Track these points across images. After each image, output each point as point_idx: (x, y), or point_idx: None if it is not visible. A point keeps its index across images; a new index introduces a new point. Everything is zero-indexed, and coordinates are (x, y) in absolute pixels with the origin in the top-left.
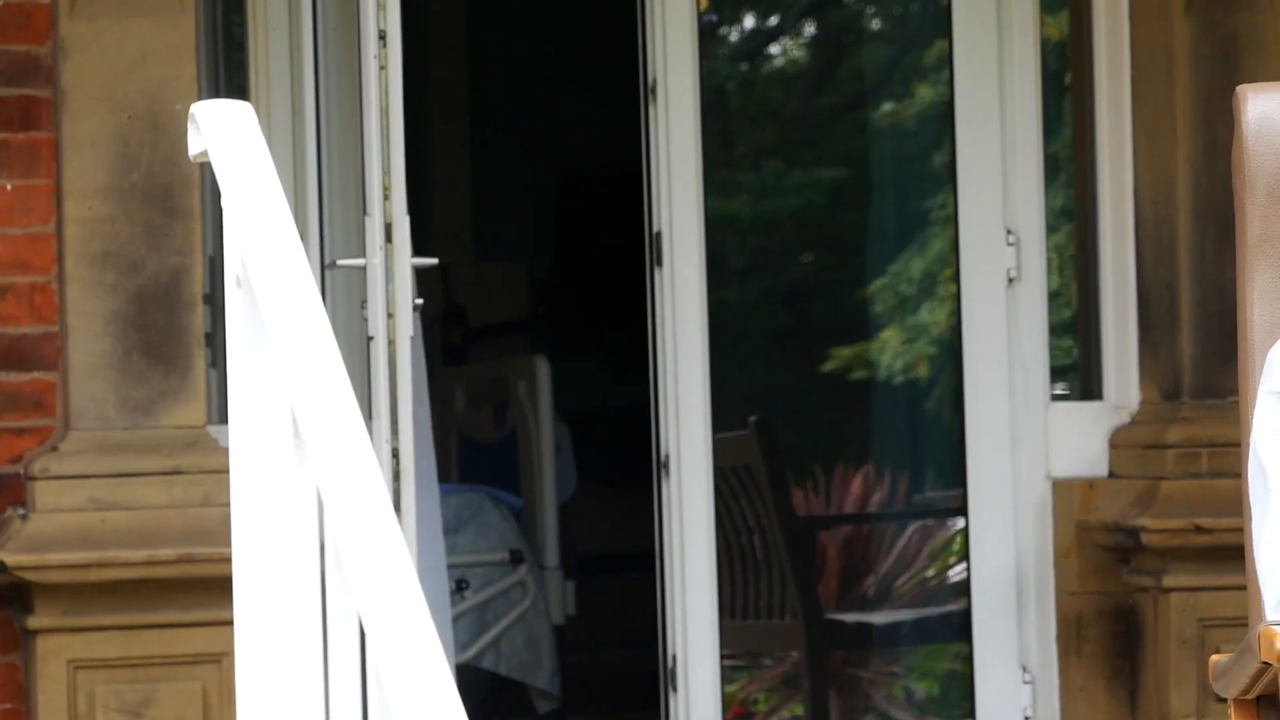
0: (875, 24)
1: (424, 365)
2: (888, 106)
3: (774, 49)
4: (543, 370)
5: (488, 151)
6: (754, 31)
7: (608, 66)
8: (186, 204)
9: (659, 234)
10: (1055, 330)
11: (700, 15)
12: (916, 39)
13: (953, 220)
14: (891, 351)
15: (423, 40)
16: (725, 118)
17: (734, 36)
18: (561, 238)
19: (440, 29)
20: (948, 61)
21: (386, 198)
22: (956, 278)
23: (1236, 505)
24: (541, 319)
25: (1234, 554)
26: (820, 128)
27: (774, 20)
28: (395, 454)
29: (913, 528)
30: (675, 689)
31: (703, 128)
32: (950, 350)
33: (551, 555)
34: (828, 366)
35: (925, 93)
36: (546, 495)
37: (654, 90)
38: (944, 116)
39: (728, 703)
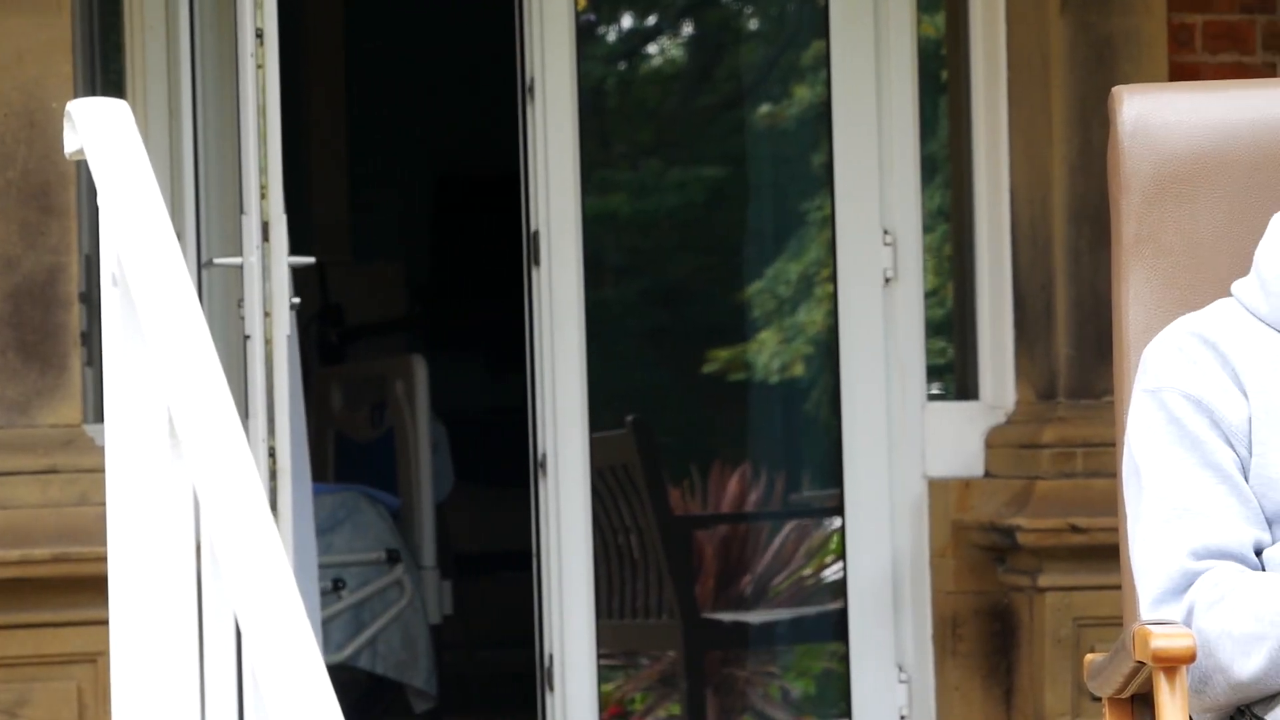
0: (753, 24)
1: (299, 364)
2: (766, 107)
3: (652, 48)
4: (420, 370)
5: (365, 151)
6: (632, 31)
7: (486, 66)
8: (63, 202)
9: (536, 233)
10: (932, 330)
11: (578, 15)
12: (794, 39)
13: (830, 221)
14: (769, 352)
15: (300, 39)
16: (603, 117)
17: (612, 36)
18: (439, 237)
19: (317, 28)
20: (825, 62)
21: (264, 196)
22: (833, 278)
23: (1111, 505)
24: (419, 318)
25: (1109, 553)
26: (698, 127)
27: (652, 20)
28: (272, 453)
29: (789, 527)
30: (552, 688)
31: (581, 127)
32: (827, 351)
33: (428, 555)
34: (706, 366)
35: (803, 94)
36: (423, 495)
37: (532, 90)
38: (821, 117)
39: (604, 702)
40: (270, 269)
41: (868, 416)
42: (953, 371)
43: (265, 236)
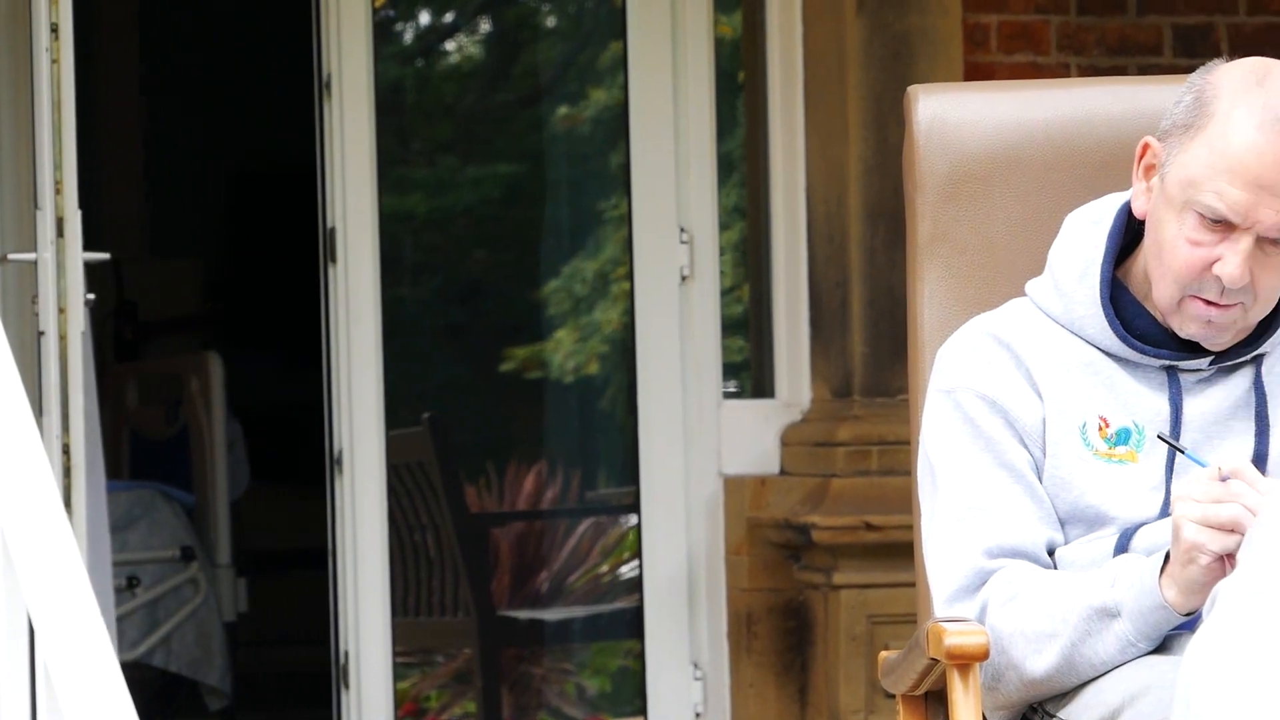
0: (551, 21)
1: (94, 361)
2: (564, 104)
3: (450, 45)
4: (215, 367)
5: (162, 146)
6: (430, 27)
7: (284, 61)
8: None
9: (333, 230)
10: (728, 329)
11: (375, 11)
12: (592, 37)
13: (627, 219)
14: (565, 350)
15: (95, 33)
16: (400, 114)
17: (410, 32)
18: (237, 234)
19: (112, 22)
20: (622, 61)
21: (58, 192)
22: (630, 277)
23: (906, 503)
24: (215, 315)
25: (903, 551)
26: (496, 125)
27: (449, 16)
28: (66, 450)
29: (586, 525)
30: (347, 686)
31: (378, 124)
32: (624, 349)
33: (224, 552)
34: (502, 364)
35: (601, 91)
36: (219, 492)
37: (328, 86)
38: (619, 117)
39: (400, 700)
40: (65, 265)
41: (664, 414)
42: (749, 369)
43: (60, 232)
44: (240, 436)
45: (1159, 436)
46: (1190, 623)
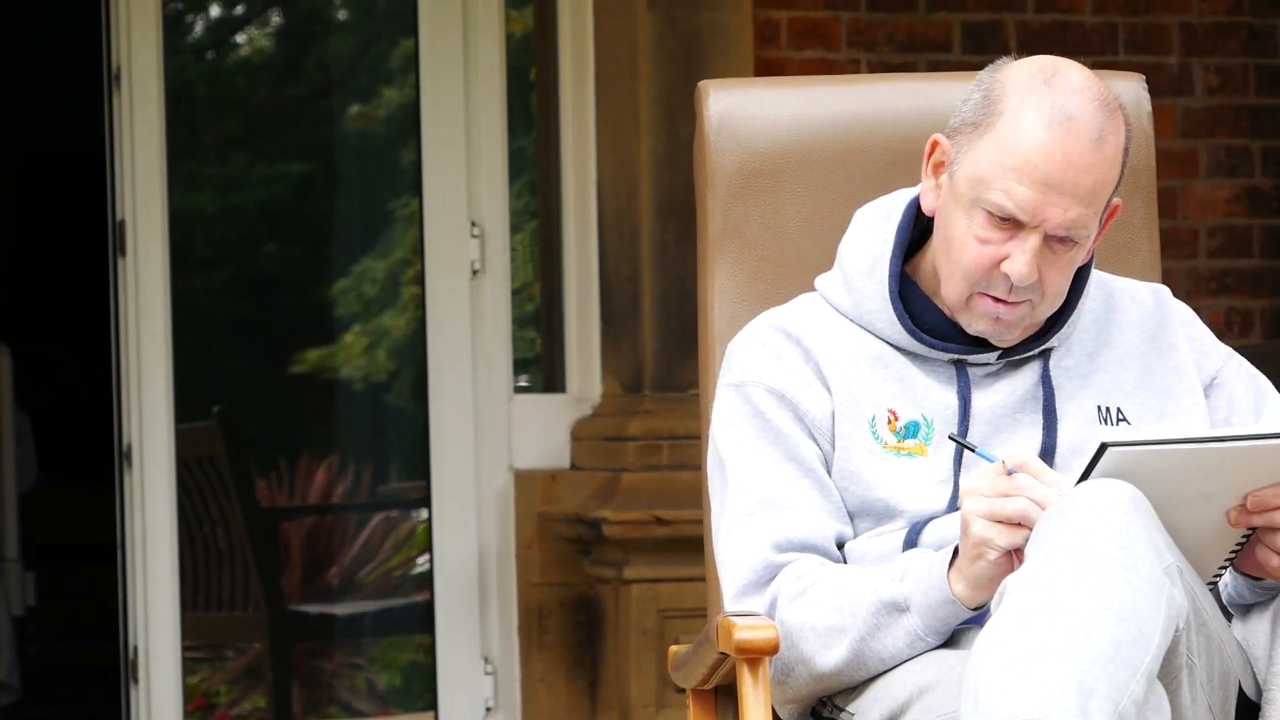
0: (343, 15)
1: None
2: (356, 101)
3: (240, 38)
4: (3, 360)
5: None
6: (220, 20)
7: (73, 54)
8: None
9: (122, 223)
10: (520, 323)
11: (165, 3)
12: (384, 32)
13: (418, 215)
14: (358, 345)
15: None
16: (191, 107)
17: (200, 25)
18: (25, 226)
19: None
20: (414, 58)
21: None
22: (422, 273)
23: (696, 497)
24: (3, 307)
25: (694, 545)
26: (287, 120)
27: (240, 9)
28: None
29: (377, 519)
30: (136, 681)
31: (168, 117)
32: (415, 344)
33: (11, 546)
34: (294, 359)
35: (393, 88)
36: (6, 486)
37: (118, 79)
38: (411, 114)
39: (189, 694)
40: None
41: (455, 409)
42: (540, 364)
43: None
44: (28, 430)
45: (950, 437)
46: (978, 617)
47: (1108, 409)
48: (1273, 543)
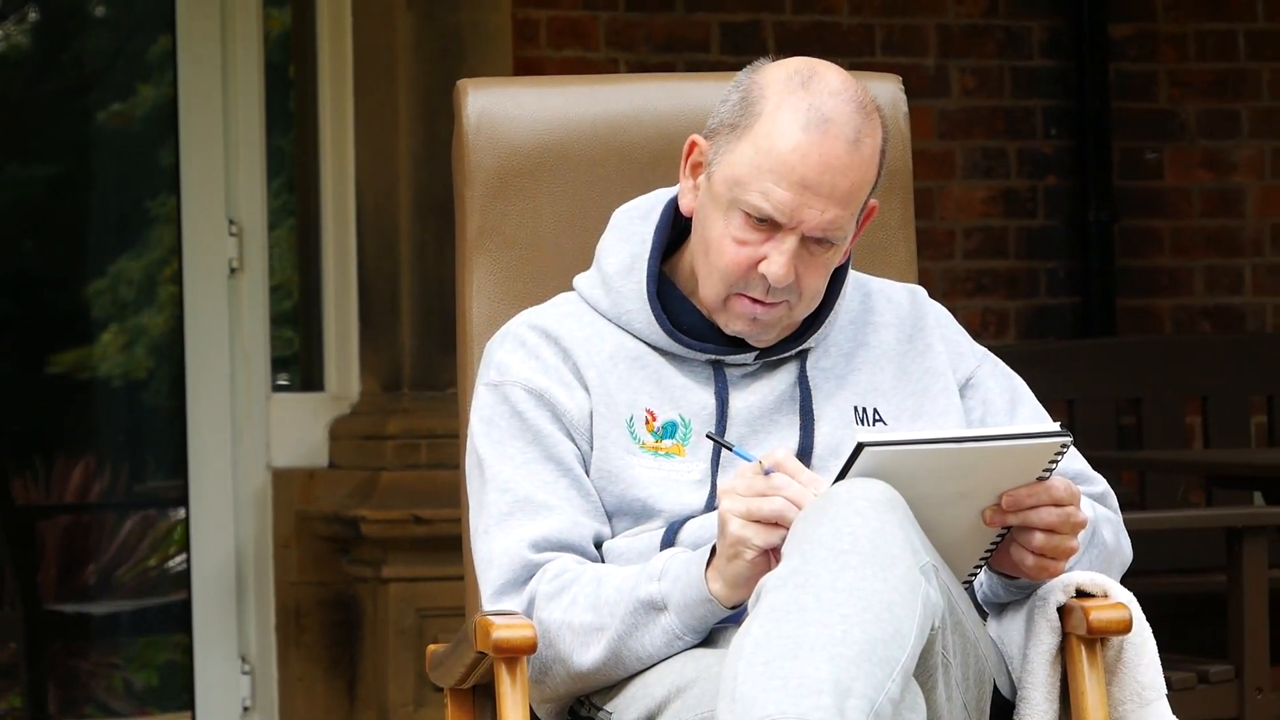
0: (100, 11)
1: None
2: (113, 98)
3: None
4: None
5: None
6: None
7: None
8: None
9: None
10: (278, 321)
11: None
12: (142, 29)
13: (176, 214)
14: (115, 344)
15: None
16: None
17: None
18: None
19: None
20: (172, 54)
21: None
22: (179, 272)
23: (455, 496)
24: None
25: (452, 544)
26: (44, 118)
27: None
28: None
29: (134, 518)
30: None
31: None
32: (173, 342)
33: None
34: (51, 358)
35: (149, 91)
36: None
37: None
38: (169, 110)
39: None
40: None
41: (212, 407)
42: (299, 362)
43: None
44: None
45: (708, 436)
46: (736, 616)
47: (864, 409)
48: (1027, 542)
